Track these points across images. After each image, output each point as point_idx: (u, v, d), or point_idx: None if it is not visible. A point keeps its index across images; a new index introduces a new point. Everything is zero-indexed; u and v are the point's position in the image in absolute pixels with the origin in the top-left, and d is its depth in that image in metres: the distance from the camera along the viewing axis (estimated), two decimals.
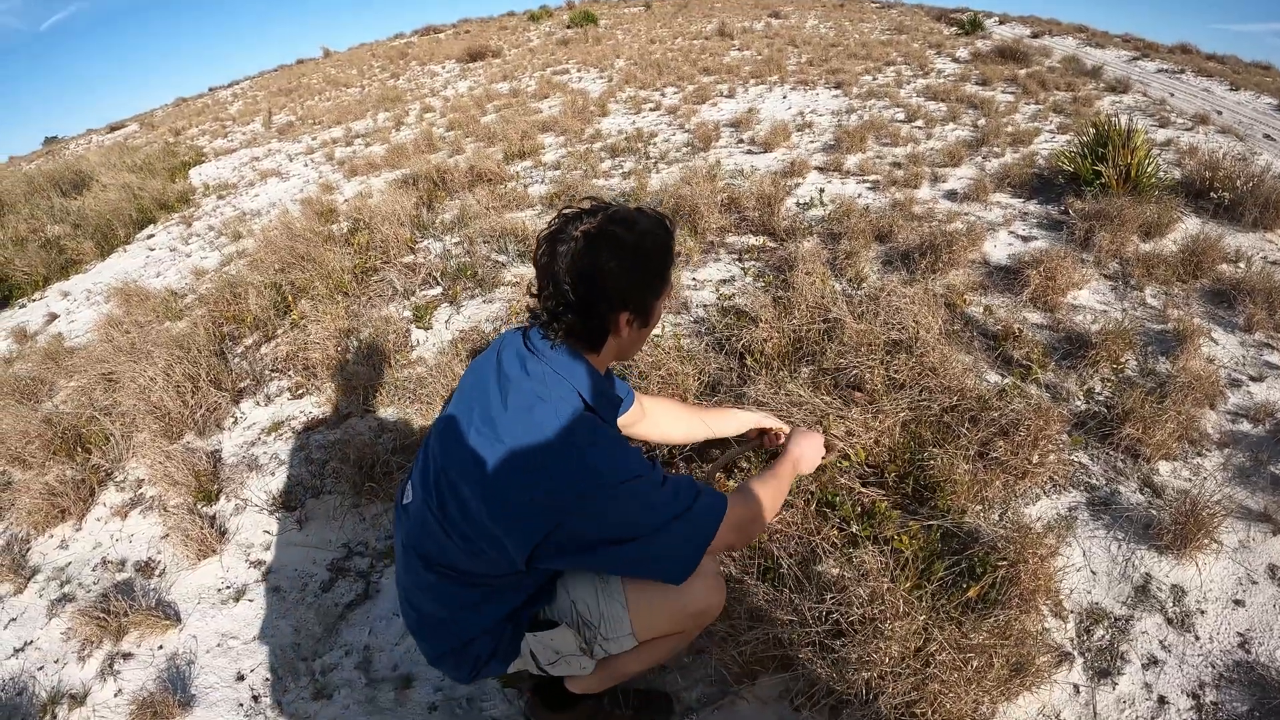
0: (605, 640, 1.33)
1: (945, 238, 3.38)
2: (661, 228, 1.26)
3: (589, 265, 1.17)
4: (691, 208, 3.98)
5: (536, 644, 1.34)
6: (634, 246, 1.20)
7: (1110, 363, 2.57)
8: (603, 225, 1.18)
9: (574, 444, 1.16)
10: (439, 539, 1.25)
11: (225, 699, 1.90)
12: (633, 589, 1.33)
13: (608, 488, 1.15)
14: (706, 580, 1.35)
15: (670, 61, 11.37)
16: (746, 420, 1.90)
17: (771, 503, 1.44)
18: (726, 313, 3.03)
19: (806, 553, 1.85)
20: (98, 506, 2.79)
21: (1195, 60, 10.76)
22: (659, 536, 1.19)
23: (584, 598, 1.33)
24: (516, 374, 1.22)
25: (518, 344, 1.28)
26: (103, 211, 7.38)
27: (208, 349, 3.51)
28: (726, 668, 1.67)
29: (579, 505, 1.14)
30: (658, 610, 1.34)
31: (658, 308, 1.30)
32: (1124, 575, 1.87)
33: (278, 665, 1.97)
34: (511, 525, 1.16)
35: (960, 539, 1.88)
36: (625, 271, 1.19)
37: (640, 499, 1.17)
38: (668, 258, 1.27)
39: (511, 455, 1.15)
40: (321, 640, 2.02)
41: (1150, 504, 2.04)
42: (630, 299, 1.22)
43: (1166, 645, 1.70)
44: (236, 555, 2.38)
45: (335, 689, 1.88)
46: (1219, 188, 4.01)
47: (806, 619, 1.62)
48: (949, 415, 2.20)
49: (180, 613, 2.20)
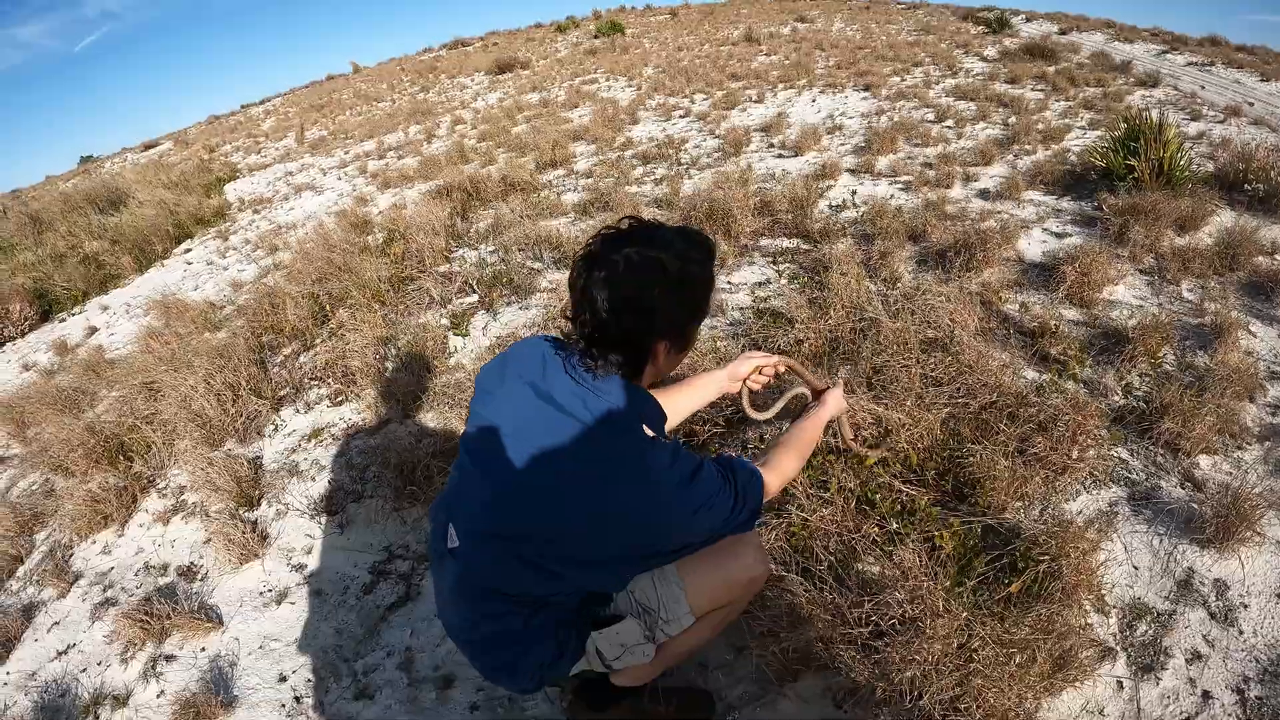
0: (665, 623, 1.36)
1: (979, 236, 3.36)
2: (704, 253, 1.24)
3: (632, 295, 1.14)
4: (725, 212, 4.00)
5: (604, 641, 1.34)
6: (679, 277, 1.17)
7: (1148, 357, 2.54)
8: (645, 251, 1.15)
9: (663, 487, 1.18)
10: (513, 574, 1.26)
11: (267, 700, 1.93)
12: (685, 567, 1.37)
13: (691, 515, 1.21)
14: (752, 549, 1.41)
15: (698, 68, 11.42)
16: (720, 377, 1.78)
17: (798, 464, 1.54)
18: (762, 314, 3.05)
19: (847, 551, 1.86)
20: (140, 513, 2.85)
21: (1225, 52, 10.52)
22: (726, 531, 1.30)
23: (641, 586, 1.36)
24: (581, 412, 1.19)
25: (564, 377, 1.23)
26: (140, 227, 7.56)
27: (247, 358, 3.58)
28: (768, 665, 1.69)
29: (672, 538, 1.27)
30: (712, 583, 1.38)
31: (695, 333, 1.31)
32: (1166, 570, 1.85)
33: (319, 666, 1.99)
34: (610, 568, 1.28)
35: (1001, 535, 1.88)
36: (669, 302, 1.17)
37: (715, 512, 1.24)
38: (710, 284, 1.26)
39: (606, 509, 1.17)
40: (363, 642, 2.05)
41: (1191, 498, 2.02)
42: (672, 328, 1.22)
43: (1210, 640, 1.68)
44: (278, 559, 2.42)
45: (377, 689, 1.90)
46: (1253, 179, 3.94)
47: (847, 619, 1.63)
48: (987, 412, 2.20)
49: (222, 615, 2.24)
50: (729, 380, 1.78)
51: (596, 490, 1.16)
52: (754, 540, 1.43)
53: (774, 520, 1.95)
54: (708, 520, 1.24)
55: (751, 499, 1.31)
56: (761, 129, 6.90)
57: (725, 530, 1.29)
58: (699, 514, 1.22)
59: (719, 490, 1.24)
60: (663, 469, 1.18)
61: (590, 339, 1.19)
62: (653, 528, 1.21)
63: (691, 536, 1.28)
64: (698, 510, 1.21)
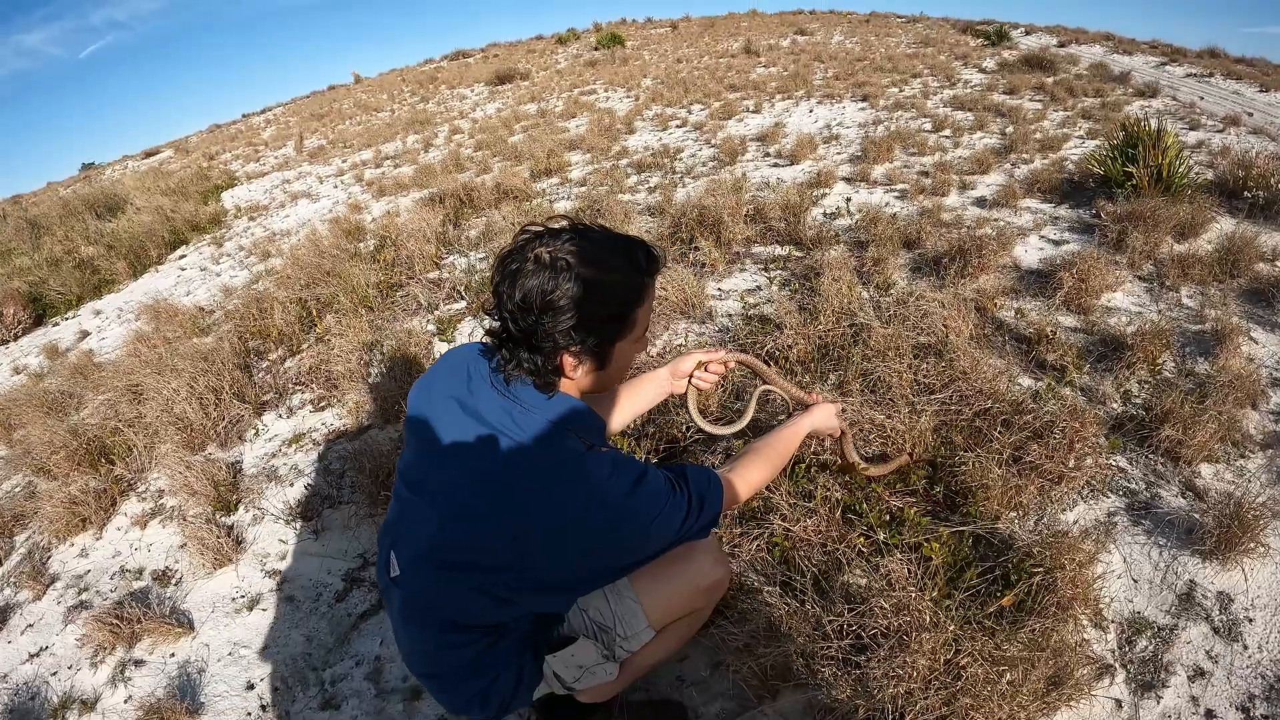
0: (624, 640, 1.28)
1: (974, 242, 3.30)
2: (630, 263, 1.13)
3: (535, 296, 1.06)
4: (716, 218, 3.95)
5: (559, 664, 1.27)
6: (590, 281, 1.07)
7: (1147, 364, 2.47)
8: (560, 251, 1.07)
9: (608, 498, 1.10)
10: (463, 602, 1.18)
11: (233, 708, 1.89)
12: (639, 581, 1.29)
13: (641, 525, 1.14)
14: (709, 554, 1.33)
15: (697, 79, 11.43)
16: (660, 377, 1.64)
17: (768, 474, 1.45)
18: (751, 320, 2.99)
19: (830, 562, 1.79)
20: (118, 516, 2.82)
21: (1224, 64, 10.53)
22: (681, 540, 1.23)
23: (595, 604, 1.29)
24: (511, 428, 1.12)
25: (489, 391, 1.17)
26: (136, 233, 7.57)
27: (231, 362, 3.54)
28: (746, 682, 1.60)
29: (624, 552, 1.19)
30: (669, 594, 1.30)
31: (619, 353, 1.19)
32: (1166, 582, 1.77)
33: (288, 675, 1.94)
34: (562, 590, 1.23)
35: (994, 546, 1.80)
36: (575, 308, 1.07)
37: (667, 520, 1.17)
38: (635, 299, 1.15)
39: (550, 529, 1.09)
40: (333, 650, 1.99)
41: (1193, 508, 1.94)
42: (575, 340, 1.10)
43: (1213, 656, 1.60)
44: (252, 565, 2.38)
45: (344, 699, 1.85)
46: (1253, 186, 3.89)
47: (828, 632, 1.55)
48: (981, 419, 2.13)
49: (194, 621, 2.21)
50: (670, 379, 1.64)
51: (538, 510, 1.08)
52: (710, 545, 1.34)
53: (755, 530, 1.87)
54: (660, 530, 1.16)
55: (710, 506, 1.23)
56: (758, 139, 6.86)
57: (680, 539, 1.21)
58: (652, 524, 1.14)
59: (668, 497, 1.16)
60: (604, 479, 1.11)
61: (499, 338, 1.14)
62: (602, 542, 1.14)
63: (644, 548, 1.20)
64: (648, 520, 1.14)
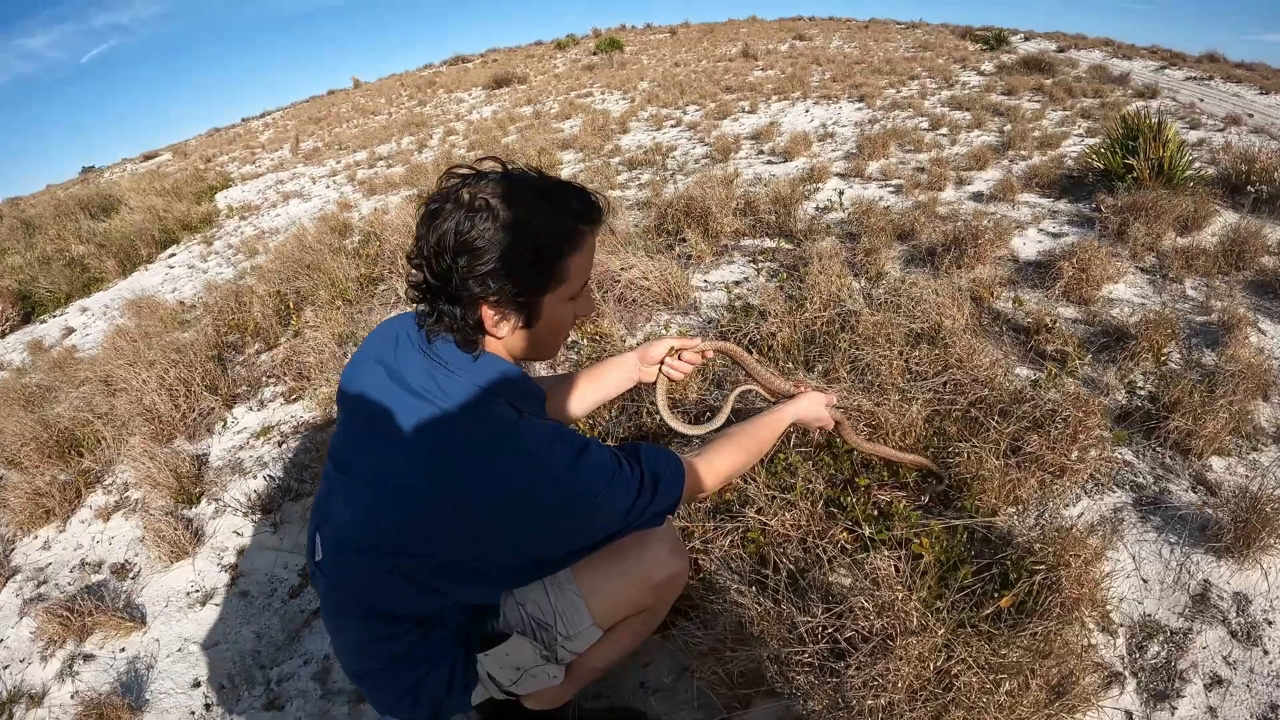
0: (566, 639, 1.14)
1: (970, 231, 3.18)
2: (559, 205, 1.02)
3: (450, 237, 0.96)
4: (704, 209, 3.83)
5: (492, 664, 1.13)
6: (511, 222, 0.96)
7: (1152, 354, 2.34)
8: (482, 192, 0.97)
9: (544, 471, 0.98)
10: (388, 590, 1.06)
11: (177, 705, 1.80)
12: (583, 572, 1.15)
13: (583, 504, 1.01)
14: (664, 543, 1.19)
15: (693, 81, 11.35)
16: (628, 362, 1.51)
17: (742, 463, 1.30)
18: (735, 309, 2.86)
19: (810, 559, 1.64)
20: (83, 509, 2.76)
21: (1223, 68, 10.47)
22: (631, 525, 1.09)
23: (533, 597, 1.15)
24: (436, 393, 1.01)
25: (415, 355, 1.06)
26: (127, 232, 7.52)
27: (204, 355, 3.46)
28: (713, 690, 1.46)
29: (562, 534, 1.04)
30: (618, 588, 1.16)
31: (549, 310, 1.06)
32: (1179, 582, 1.64)
33: (235, 672, 1.85)
34: (495, 579, 1.10)
35: (991, 543, 1.66)
36: (492, 250, 0.96)
37: (614, 499, 1.04)
38: (561, 242, 1.02)
39: (478, 506, 0.97)
40: (282, 648, 1.89)
41: (1205, 503, 1.81)
42: (494, 290, 0.98)
43: (1231, 662, 1.47)
44: (209, 559, 2.29)
45: (289, 699, 1.74)
46: (1256, 180, 3.78)
47: (802, 635, 1.40)
48: (976, 408, 2.00)
49: (147, 615, 2.13)
50: (639, 365, 1.50)
51: (477, 481, 0.96)
52: (666, 533, 1.20)
53: (728, 525, 1.72)
54: (606, 510, 1.03)
55: (666, 489, 1.10)
56: (752, 137, 6.76)
57: (630, 524, 1.07)
58: (594, 502, 1.01)
59: (614, 474, 1.03)
60: (541, 449, 0.99)
61: (420, 290, 1.03)
62: (553, 521, 1.01)
63: (587, 531, 1.06)
64: (591, 497, 1.01)
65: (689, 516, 1.75)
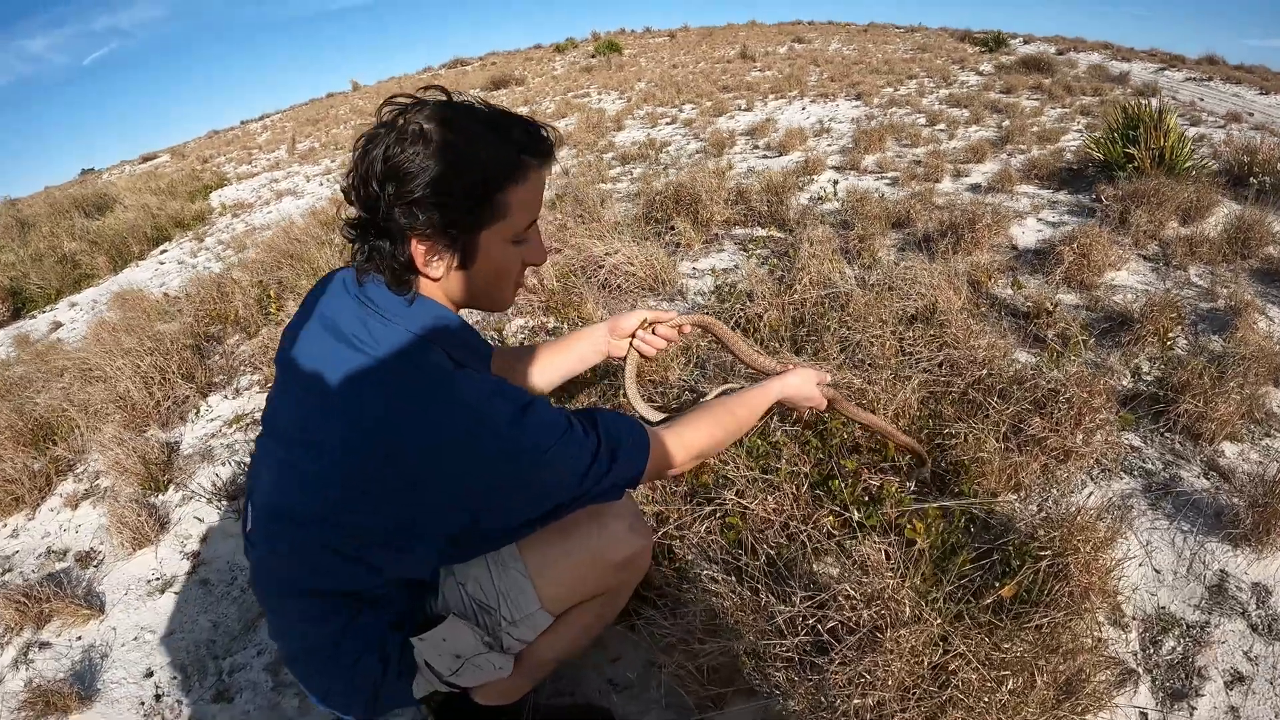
0: (511, 624, 1.03)
1: (967, 217, 3.07)
2: (500, 134, 0.91)
3: (379, 161, 0.87)
4: (693, 196, 3.72)
5: (428, 650, 1.01)
6: (445, 146, 0.86)
7: (1158, 337, 2.24)
8: (417, 117, 0.88)
9: (483, 425, 0.88)
10: (316, 563, 0.96)
11: (128, 695, 1.72)
12: (530, 549, 1.04)
13: (526, 464, 0.90)
14: (622, 519, 1.08)
15: (690, 81, 11.28)
16: (598, 333, 1.42)
17: (718, 439, 1.19)
18: (722, 291, 2.76)
19: (795, 545, 1.52)
20: (53, 496, 2.70)
21: (1222, 70, 10.42)
22: (583, 496, 0.97)
23: (474, 575, 1.04)
24: (365, 339, 0.92)
25: (349, 300, 0.97)
26: (119, 230, 7.50)
27: (181, 342, 3.39)
28: (684, 687, 1.33)
29: (502, 500, 0.92)
30: (568, 569, 1.05)
31: (487, 248, 0.95)
32: (1194, 573, 1.53)
33: (188, 662, 1.77)
34: (428, 547, 0.96)
35: (991, 528, 1.55)
36: (422, 176, 0.86)
37: (562, 463, 0.93)
38: (500, 172, 0.91)
39: (427, 451, 0.87)
40: (237, 638, 1.81)
41: (1218, 489, 1.71)
42: (422, 220, 0.88)
43: (1253, 657, 1.36)
44: (173, 546, 2.21)
45: (239, 691, 1.66)
46: (1258, 171, 3.69)
47: (780, 626, 1.29)
48: (975, 390, 1.89)
49: (106, 603, 2.06)
50: (609, 337, 1.40)
51: (411, 429, 0.86)
52: (625, 508, 1.09)
53: (705, 509, 1.60)
54: (556, 470, 0.92)
55: (627, 459, 0.99)
56: (747, 133, 6.68)
57: (584, 495, 0.96)
58: (541, 459, 0.90)
59: (565, 432, 0.92)
60: (480, 402, 0.89)
61: (352, 225, 0.94)
62: (494, 477, 0.89)
63: (533, 493, 0.94)
64: (538, 454, 0.90)
65: (664, 499, 1.64)
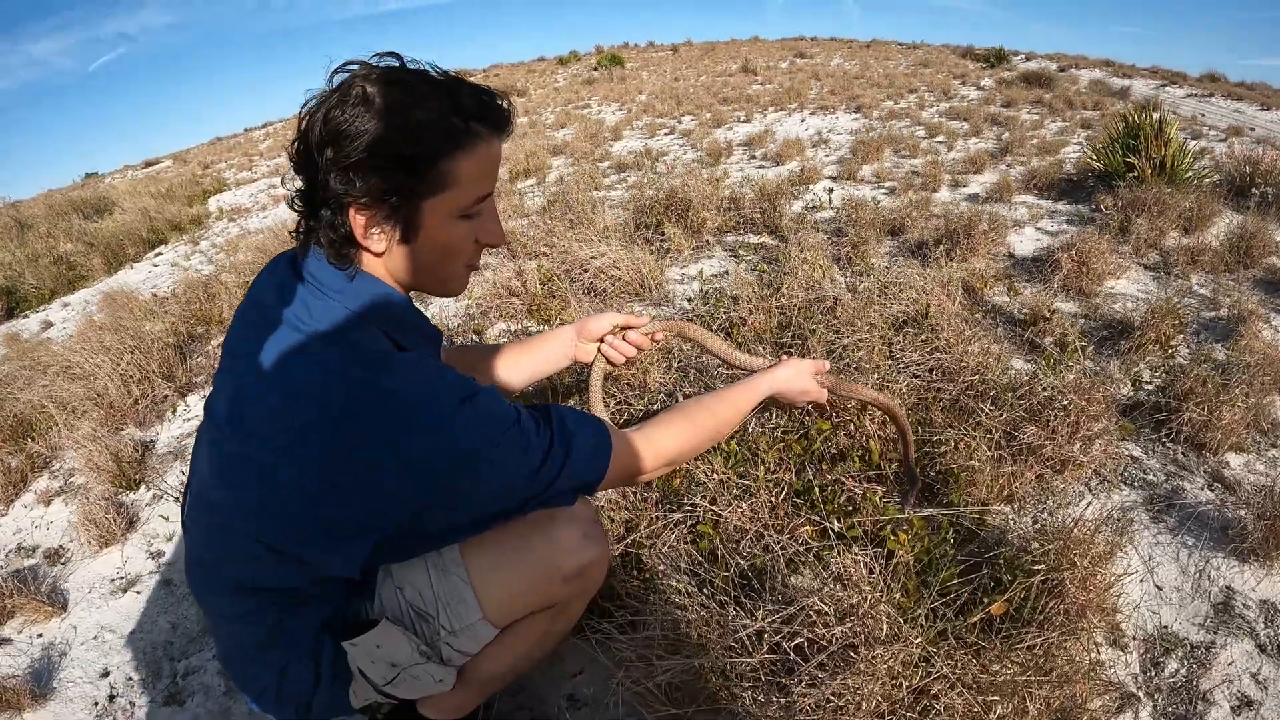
0: (452, 634, 0.95)
1: (963, 224, 3.01)
2: (447, 99, 0.84)
3: (318, 123, 0.81)
4: (685, 202, 3.66)
5: (361, 656, 0.92)
6: (387, 109, 0.80)
7: (1159, 345, 2.16)
8: (365, 80, 0.81)
9: (422, 409, 0.80)
10: (245, 557, 0.88)
11: (82, 695, 1.68)
12: (474, 554, 0.95)
13: (467, 457, 0.81)
14: (574, 525, 0.99)
15: (691, 94, 11.29)
16: (565, 336, 1.33)
17: (693, 442, 1.09)
18: (708, 298, 2.69)
19: (770, 558, 1.42)
20: (28, 493, 2.66)
21: (1224, 86, 10.46)
22: (531, 498, 0.88)
23: (412, 580, 0.95)
24: (300, 314, 0.85)
25: (288, 275, 0.90)
26: (116, 232, 7.50)
27: (163, 342, 3.36)
28: (645, 705, 1.23)
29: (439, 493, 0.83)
30: (515, 578, 0.96)
31: (430, 219, 0.87)
32: (1198, 590, 1.45)
33: (144, 664, 1.73)
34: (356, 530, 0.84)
35: (981, 540, 1.47)
36: (360, 138, 0.79)
37: (508, 463, 0.84)
38: (443, 139, 0.84)
39: (339, 444, 0.79)
40: (195, 640, 1.76)
41: (1224, 501, 1.63)
42: (360, 187, 0.81)
43: (1261, 680, 1.27)
44: (139, 545, 2.18)
45: (190, 694, 1.61)
46: (1260, 182, 3.64)
47: (744, 642, 1.19)
48: (966, 396, 1.81)
49: (69, 601, 2.02)
50: (576, 340, 1.31)
51: (323, 426, 0.79)
52: (578, 514, 1.00)
53: (676, 515, 1.52)
54: (502, 467, 0.83)
55: (585, 460, 0.90)
56: (745, 143, 6.65)
57: (533, 497, 0.87)
58: (487, 453, 0.82)
59: (512, 426, 0.84)
60: (419, 386, 0.81)
61: (298, 194, 0.88)
62: (408, 476, 0.80)
63: (475, 487, 0.84)
64: (489, 446, 0.82)
65: (634, 505, 1.55)
